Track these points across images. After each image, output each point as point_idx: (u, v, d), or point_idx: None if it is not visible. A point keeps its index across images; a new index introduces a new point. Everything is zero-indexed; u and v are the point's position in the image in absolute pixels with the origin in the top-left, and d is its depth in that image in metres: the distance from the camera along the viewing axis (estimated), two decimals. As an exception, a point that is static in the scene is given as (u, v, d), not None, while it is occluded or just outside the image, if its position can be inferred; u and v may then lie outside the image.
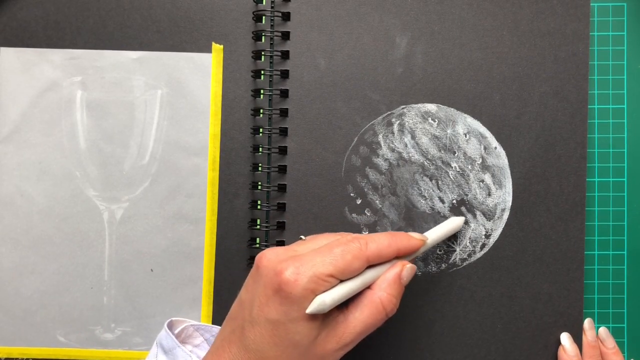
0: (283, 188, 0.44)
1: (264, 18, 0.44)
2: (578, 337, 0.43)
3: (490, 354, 0.43)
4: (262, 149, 0.44)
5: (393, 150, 0.44)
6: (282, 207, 0.44)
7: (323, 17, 0.44)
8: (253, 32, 0.44)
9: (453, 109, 0.44)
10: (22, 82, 0.45)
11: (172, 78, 0.45)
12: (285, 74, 0.44)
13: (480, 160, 0.43)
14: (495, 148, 0.43)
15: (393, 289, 0.33)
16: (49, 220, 0.44)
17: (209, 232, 0.44)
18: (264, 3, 0.44)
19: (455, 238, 0.43)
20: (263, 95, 0.44)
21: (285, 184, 0.44)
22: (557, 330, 0.43)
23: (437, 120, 0.44)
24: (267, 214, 0.44)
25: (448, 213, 0.43)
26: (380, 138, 0.44)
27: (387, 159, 0.44)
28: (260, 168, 0.44)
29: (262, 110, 0.44)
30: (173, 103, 0.45)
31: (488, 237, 0.43)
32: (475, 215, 0.43)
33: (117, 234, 0.44)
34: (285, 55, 0.44)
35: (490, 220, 0.43)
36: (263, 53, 0.44)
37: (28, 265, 0.44)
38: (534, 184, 0.43)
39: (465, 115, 0.44)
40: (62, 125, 0.45)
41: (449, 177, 0.43)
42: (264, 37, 0.44)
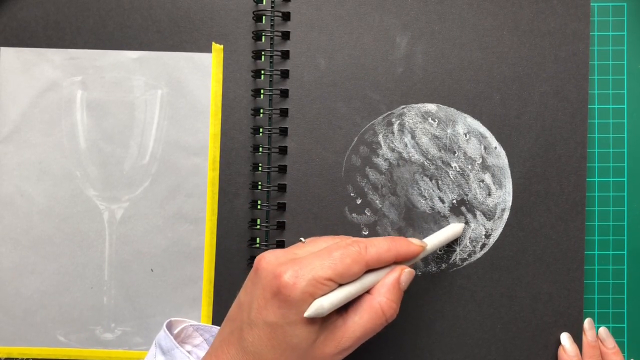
0: (283, 188, 0.44)
1: (264, 18, 0.44)
2: (578, 337, 0.43)
3: (490, 354, 0.43)
4: (262, 149, 0.44)
5: (393, 150, 0.44)
6: (282, 207, 0.44)
7: (323, 17, 0.44)
8: (253, 32, 0.44)
9: (453, 109, 0.44)
10: (22, 82, 0.45)
11: (172, 78, 0.45)
12: (285, 74, 0.44)
13: (481, 160, 0.43)
14: (495, 148, 0.43)
15: (392, 294, 0.33)
16: (49, 220, 0.44)
17: (209, 232, 0.44)
18: (264, 3, 0.44)
19: (456, 238, 0.43)
20: (263, 95, 0.44)
21: (285, 184, 0.44)
22: (557, 330, 0.43)
23: (437, 120, 0.44)
24: (267, 214, 0.44)
25: (448, 213, 0.43)
26: (380, 138, 0.44)
27: (387, 159, 0.44)
28: (260, 168, 0.44)
29: (262, 110, 0.44)
30: (173, 103, 0.45)
31: (488, 237, 0.43)
32: (476, 215, 0.43)
33: (117, 234, 0.44)
34: (285, 55, 0.44)
35: (491, 220, 0.43)
36: (263, 53, 0.44)
37: (28, 265, 0.44)
38: (534, 184, 0.43)
39: (465, 115, 0.44)
40: (62, 125, 0.45)
41: (449, 177, 0.43)
42: (264, 37, 0.44)
